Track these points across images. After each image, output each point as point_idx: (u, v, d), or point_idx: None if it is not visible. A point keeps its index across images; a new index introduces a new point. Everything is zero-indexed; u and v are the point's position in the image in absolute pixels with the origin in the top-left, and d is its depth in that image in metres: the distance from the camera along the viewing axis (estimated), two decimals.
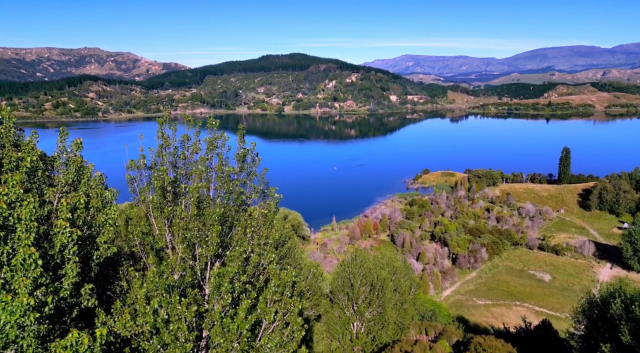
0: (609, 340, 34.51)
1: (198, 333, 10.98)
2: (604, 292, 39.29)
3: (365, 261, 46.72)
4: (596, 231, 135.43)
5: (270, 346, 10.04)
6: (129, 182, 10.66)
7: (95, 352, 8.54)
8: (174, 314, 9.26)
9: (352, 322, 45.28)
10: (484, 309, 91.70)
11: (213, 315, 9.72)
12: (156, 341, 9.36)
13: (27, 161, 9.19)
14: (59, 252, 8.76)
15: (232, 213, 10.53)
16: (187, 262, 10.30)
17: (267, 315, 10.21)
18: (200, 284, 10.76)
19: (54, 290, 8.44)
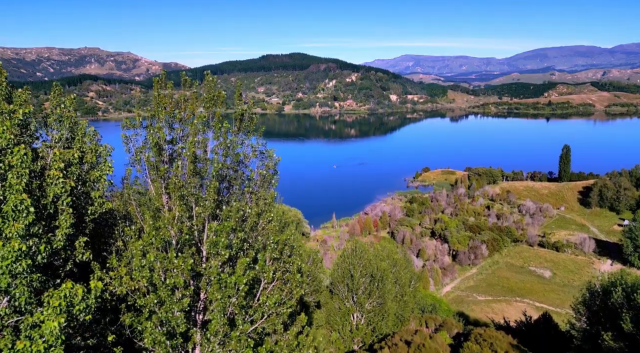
0: (610, 329, 34.28)
1: (196, 294, 10.79)
2: (605, 281, 39.10)
3: (365, 253, 46.49)
4: (596, 228, 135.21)
5: (269, 304, 9.84)
6: (125, 142, 10.45)
7: (90, 303, 8.33)
8: (170, 268, 9.05)
9: (352, 313, 45.06)
10: (485, 305, 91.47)
11: (210, 272, 9.52)
12: (152, 297, 9.16)
13: (19, 113, 9.00)
14: (52, 203, 8.56)
15: (229, 173, 10.33)
16: (184, 223, 10.09)
17: (265, 274, 10.02)
18: (198, 246, 10.56)
19: (47, 240, 8.23)
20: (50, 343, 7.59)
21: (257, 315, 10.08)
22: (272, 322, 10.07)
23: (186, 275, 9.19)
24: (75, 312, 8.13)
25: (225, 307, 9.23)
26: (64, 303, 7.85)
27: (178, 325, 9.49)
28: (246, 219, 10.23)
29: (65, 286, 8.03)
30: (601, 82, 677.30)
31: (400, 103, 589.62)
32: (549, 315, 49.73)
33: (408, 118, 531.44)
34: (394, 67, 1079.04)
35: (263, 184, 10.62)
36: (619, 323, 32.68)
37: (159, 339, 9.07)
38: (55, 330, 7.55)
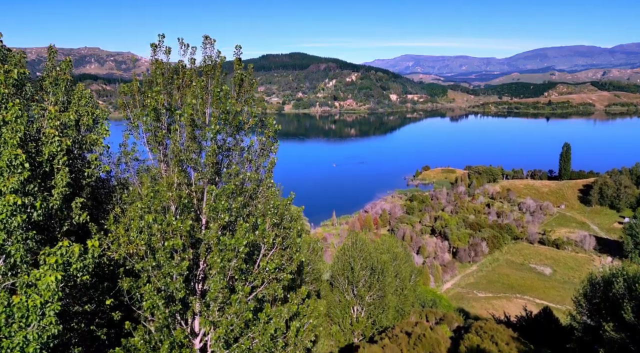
0: (611, 320, 34.12)
1: (195, 264, 10.63)
2: (606, 273, 38.96)
3: (366, 245, 46.34)
4: (597, 226, 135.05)
5: (270, 269, 9.69)
6: (122, 107, 10.29)
7: (87, 263, 8.18)
8: (168, 230, 8.89)
9: (352, 305, 44.92)
10: (485, 301, 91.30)
11: (210, 236, 9.36)
12: (150, 260, 9.00)
13: (14, 73, 8.84)
14: (47, 161, 8.41)
15: (228, 140, 10.16)
16: (183, 189, 9.93)
17: (266, 239, 9.86)
18: (197, 214, 10.40)
19: (43, 199, 8.08)
20: (47, 298, 7.44)
21: (257, 281, 9.92)
22: (273, 288, 9.91)
23: (185, 238, 9.03)
24: (72, 271, 7.98)
25: (225, 269, 9.07)
26: (61, 261, 7.70)
27: (177, 290, 9.33)
28: (245, 183, 10.06)
29: (61, 244, 7.88)
30: (601, 82, 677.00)
31: (400, 103, 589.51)
32: (549, 310, 49.56)
33: (408, 118, 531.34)
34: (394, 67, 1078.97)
35: (263, 152, 10.46)
36: (620, 314, 32.53)
37: (157, 303, 8.90)
38: (52, 285, 7.41)
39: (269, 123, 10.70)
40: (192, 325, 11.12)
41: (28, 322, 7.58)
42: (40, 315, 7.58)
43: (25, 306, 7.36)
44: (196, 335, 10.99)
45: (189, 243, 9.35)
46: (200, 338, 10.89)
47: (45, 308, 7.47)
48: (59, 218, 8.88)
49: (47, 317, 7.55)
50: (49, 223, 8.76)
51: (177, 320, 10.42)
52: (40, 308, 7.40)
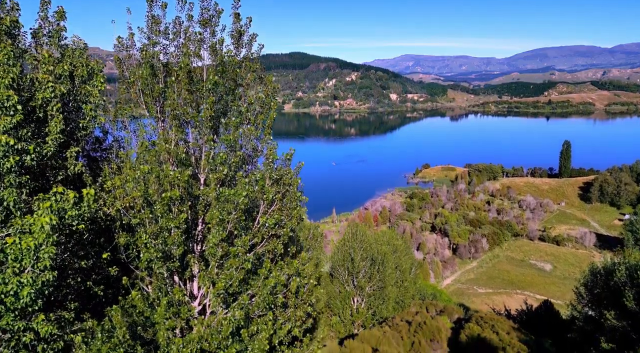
0: (612, 309, 33.92)
1: (193, 224, 10.44)
2: (607, 263, 38.78)
3: (366, 236, 46.19)
4: (597, 223, 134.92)
5: (269, 224, 9.50)
6: (117, 64, 10.08)
7: (83, 211, 7.99)
8: (165, 182, 8.69)
9: (352, 297, 44.75)
10: (485, 297, 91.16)
11: (208, 191, 9.16)
12: (147, 212, 8.80)
13: (7, 20, 8.65)
14: (41, 107, 8.22)
15: (225, 96, 9.97)
16: (180, 146, 9.71)
17: (265, 195, 9.67)
18: (195, 172, 10.19)
19: (37, 145, 7.88)
20: (40, 241, 7.26)
21: (256, 238, 9.72)
22: (273, 245, 9.72)
23: (183, 190, 8.82)
24: (67, 217, 7.79)
25: (224, 223, 8.87)
26: (55, 206, 7.51)
27: (176, 245, 9.13)
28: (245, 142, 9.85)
29: (55, 190, 7.69)
30: (601, 82, 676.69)
31: (400, 102, 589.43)
32: (550, 303, 49.39)
33: (408, 117, 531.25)
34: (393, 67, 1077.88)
35: (263, 110, 10.25)
36: (621, 302, 32.35)
37: (155, 255, 8.70)
38: (46, 227, 7.22)
39: (268, 80, 10.49)
40: (191, 288, 10.95)
41: (22, 266, 7.39)
42: (35, 259, 7.39)
43: (19, 248, 7.17)
44: (195, 297, 10.81)
45: (187, 196, 9.15)
46: (199, 301, 10.70)
47: (40, 251, 7.29)
48: (53, 167, 8.70)
49: (42, 260, 7.37)
50: (43, 170, 8.56)
51: (175, 282, 10.23)
52: (34, 251, 7.21)
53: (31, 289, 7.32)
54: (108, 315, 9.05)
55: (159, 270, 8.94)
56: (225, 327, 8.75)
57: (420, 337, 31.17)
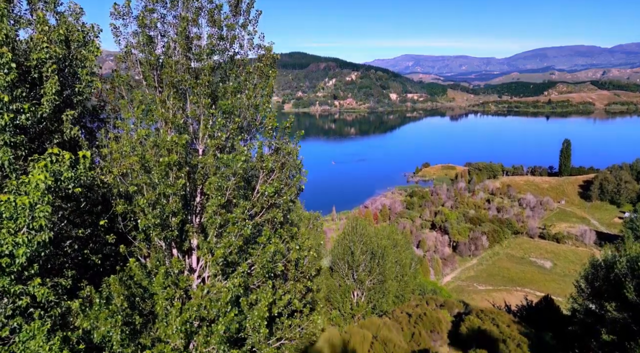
0: (613, 301, 33.81)
1: (191, 197, 10.33)
2: (608, 255, 38.67)
3: (366, 230, 46.09)
4: (597, 221, 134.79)
5: (269, 193, 9.39)
6: (114, 33, 9.95)
7: (79, 174, 7.87)
8: (162, 146, 8.58)
9: (352, 290, 44.64)
10: (485, 294, 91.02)
11: (206, 158, 9.05)
12: (144, 178, 8.69)
13: None
14: (36, 68, 8.11)
15: (224, 64, 9.86)
16: (177, 115, 9.60)
17: (264, 163, 9.57)
18: (193, 142, 10.09)
19: (32, 105, 7.77)
20: (36, 200, 7.15)
21: (256, 208, 9.62)
22: (273, 214, 9.61)
23: (180, 155, 8.71)
24: (62, 179, 7.68)
25: (222, 189, 8.76)
26: (50, 166, 7.39)
27: (174, 213, 9.03)
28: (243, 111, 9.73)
29: (51, 151, 7.58)
30: (601, 81, 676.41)
31: (400, 102, 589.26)
32: (550, 298, 49.28)
33: (408, 117, 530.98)
34: (393, 67, 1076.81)
35: (262, 76, 10.13)
36: (622, 294, 32.25)
37: (153, 222, 8.59)
38: (41, 185, 7.11)
39: (267, 49, 10.38)
40: (190, 262, 10.84)
41: (17, 226, 7.29)
42: (30, 219, 7.29)
43: (14, 205, 7.07)
44: (194, 271, 10.70)
45: (185, 162, 9.04)
46: (198, 273, 10.59)
47: (35, 210, 7.18)
48: (48, 130, 8.59)
49: (37, 220, 7.26)
50: (38, 132, 8.44)
51: (174, 254, 10.12)
52: (29, 209, 7.10)
53: (27, 249, 7.21)
54: (106, 284, 8.95)
55: (157, 237, 8.84)
56: (224, 294, 8.64)
57: (420, 327, 31.06)
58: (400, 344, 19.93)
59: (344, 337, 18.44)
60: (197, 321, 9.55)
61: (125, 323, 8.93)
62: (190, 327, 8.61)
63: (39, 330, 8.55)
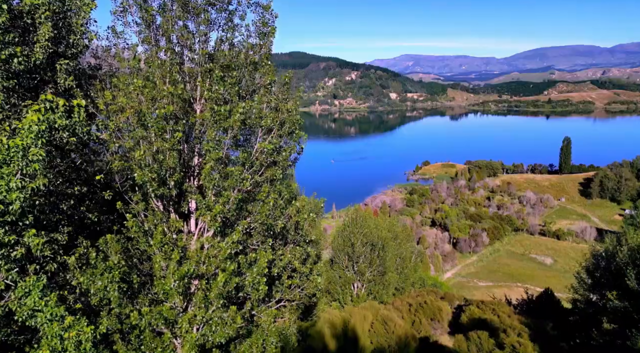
0: (615, 289, 33.67)
1: (189, 158, 10.18)
2: (609, 245, 38.51)
3: (366, 222, 45.96)
4: (597, 218, 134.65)
5: (268, 149, 9.23)
6: None
7: (74, 122, 7.71)
8: (159, 97, 8.43)
9: (352, 282, 44.51)
10: (486, 290, 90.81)
11: (203, 115, 8.91)
12: (140, 131, 8.53)
13: None
14: (28, 13, 7.94)
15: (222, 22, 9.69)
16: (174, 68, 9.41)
17: (263, 120, 9.42)
18: (190, 103, 9.93)
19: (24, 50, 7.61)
20: (29, 142, 7.00)
21: (255, 167, 9.47)
22: (272, 172, 9.46)
23: (177, 106, 8.56)
24: (57, 126, 7.53)
25: (220, 144, 8.61)
26: (44, 111, 7.23)
27: (171, 169, 8.87)
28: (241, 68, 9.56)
29: (44, 97, 7.42)
30: (601, 81, 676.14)
31: (400, 101, 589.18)
32: (551, 291, 49.10)
33: (408, 116, 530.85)
34: (393, 67, 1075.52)
35: (260, 38, 9.96)
36: (623, 283, 32.10)
37: (150, 177, 8.42)
38: (34, 127, 6.96)
39: (265, 8, 10.19)
40: (188, 226, 10.69)
41: (11, 171, 7.13)
42: (24, 163, 7.13)
43: (6, 147, 6.91)
44: (192, 234, 10.55)
45: (183, 115, 8.89)
46: (197, 237, 10.44)
47: (29, 153, 7.03)
48: (42, 80, 8.43)
49: (31, 164, 7.11)
50: (31, 78, 8.26)
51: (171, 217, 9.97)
52: (22, 152, 6.95)
53: (20, 194, 7.05)
54: (103, 241, 8.80)
55: (154, 194, 8.68)
56: (223, 250, 8.49)
57: (420, 316, 30.91)
58: (401, 323, 19.79)
59: (344, 316, 18.29)
60: (195, 280, 9.41)
61: (123, 281, 8.79)
62: (188, 282, 8.46)
63: (34, 285, 8.41)
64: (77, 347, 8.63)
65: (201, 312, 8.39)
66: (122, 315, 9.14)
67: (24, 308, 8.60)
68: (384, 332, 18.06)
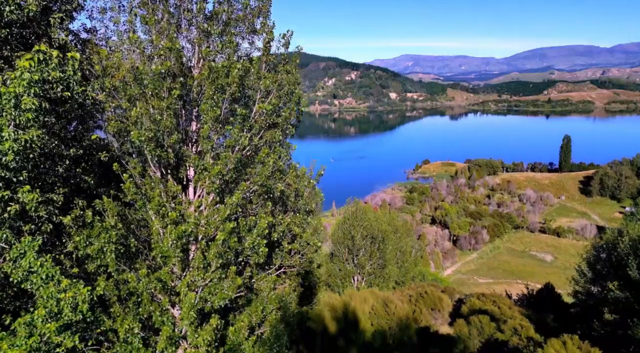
0: (616, 279, 33.56)
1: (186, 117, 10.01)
2: (610, 237, 38.42)
3: (366, 214, 45.83)
4: (597, 215, 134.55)
5: (267, 110, 9.08)
6: None
7: (68, 75, 7.56)
8: (157, 54, 8.28)
9: (352, 275, 44.36)
10: (486, 287, 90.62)
11: (201, 75, 8.75)
12: (136, 89, 8.38)
13: None
14: None
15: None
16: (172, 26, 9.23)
17: (262, 81, 9.27)
18: (188, 67, 9.78)
19: None
20: (21, 90, 6.85)
21: (254, 130, 9.31)
22: (271, 135, 9.31)
23: (175, 60, 8.40)
24: (50, 79, 7.38)
25: (218, 102, 8.45)
26: (36, 60, 7.08)
27: (168, 129, 8.73)
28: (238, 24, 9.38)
29: (38, 48, 7.26)
30: (600, 81, 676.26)
31: (400, 101, 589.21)
32: (551, 286, 49.00)
33: (408, 116, 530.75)
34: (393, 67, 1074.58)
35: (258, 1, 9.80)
36: (625, 273, 31.98)
37: (147, 135, 8.27)
38: (26, 75, 6.80)
39: None
40: (187, 195, 10.54)
41: (3, 121, 6.98)
42: (17, 113, 6.98)
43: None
44: (190, 203, 10.39)
45: (180, 73, 8.73)
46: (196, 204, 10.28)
47: (21, 102, 6.88)
48: (35, 32, 8.27)
49: (24, 113, 6.96)
50: (24, 29, 8.09)
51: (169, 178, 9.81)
52: (14, 99, 6.79)
53: (14, 144, 6.91)
54: (100, 201, 8.64)
55: (151, 155, 8.52)
56: (222, 211, 8.35)
57: (421, 305, 30.78)
58: (401, 305, 19.65)
59: (344, 300, 18.17)
60: (193, 246, 9.26)
61: (120, 243, 8.63)
62: (186, 243, 8.31)
63: (30, 246, 8.27)
64: (73, 309, 8.49)
65: (200, 273, 8.24)
66: (119, 282, 9.00)
67: (19, 270, 8.45)
68: (385, 314, 17.95)
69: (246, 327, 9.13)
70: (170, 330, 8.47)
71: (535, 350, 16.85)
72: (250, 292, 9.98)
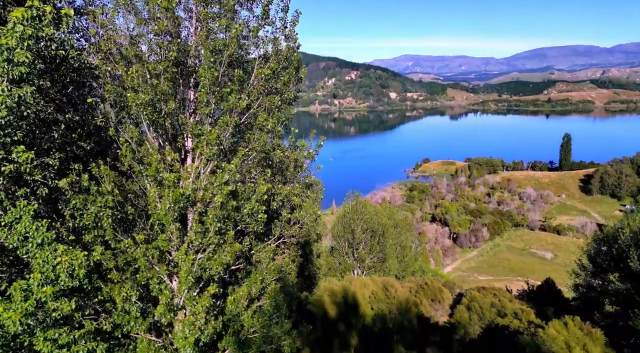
0: (617, 271, 33.44)
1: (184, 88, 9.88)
2: (610, 229, 38.32)
3: (366, 208, 45.73)
4: (598, 213, 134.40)
5: (266, 74, 8.93)
6: None
7: (62, 32, 7.43)
8: (154, 16, 8.12)
9: (352, 269, 44.24)
10: (486, 284, 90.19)
11: (198, 39, 8.61)
12: (133, 49, 8.24)
13: None
14: None
15: None
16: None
17: (262, 45, 9.15)
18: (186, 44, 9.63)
19: None
20: (13, 44, 6.70)
21: (252, 96, 9.17)
22: (270, 101, 9.17)
23: (171, 20, 8.25)
24: (44, 35, 7.23)
25: (216, 64, 8.31)
26: (29, 14, 6.92)
27: (164, 95, 8.59)
28: None
29: (31, 3, 7.11)
30: (600, 80, 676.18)
31: (400, 101, 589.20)
32: (552, 281, 48.85)
33: (408, 116, 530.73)
34: (393, 67, 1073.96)
35: None
36: (626, 264, 31.86)
37: (144, 99, 8.13)
38: (19, 27, 6.65)
39: None
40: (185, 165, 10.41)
41: None
42: (9, 67, 6.84)
43: None
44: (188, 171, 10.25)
45: (177, 33, 8.58)
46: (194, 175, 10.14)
47: (14, 55, 6.73)
48: None
49: (17, 67, 6.81)
50: None
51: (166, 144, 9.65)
52: (7, 52, 6.65)
53: (7, 99, 6.77)
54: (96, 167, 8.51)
55: (148, 117, 8.38)
56: (220, 176, 8.21)
57: (421, 296, 30.64)
58: (401, 289, 19.51)
59: (344, 285, 18.03)
60: (191, 214, 9.12)
61: (117, 209, 8.49)
62: (184, 208, 8.17)
63: (25, 210, 8.13)
64: (70, 275, 8.36)
65: (198, 237, 8.11)
66: (117, 251, 8.86)
67: (14, 235, 8.32)
68: (385, 298, 17.81)
69: (245, 297, 9.00)
70: (169, 297, 8.34)
71: (537, 332, 16.72)
72: (249, 264, 9.84)
